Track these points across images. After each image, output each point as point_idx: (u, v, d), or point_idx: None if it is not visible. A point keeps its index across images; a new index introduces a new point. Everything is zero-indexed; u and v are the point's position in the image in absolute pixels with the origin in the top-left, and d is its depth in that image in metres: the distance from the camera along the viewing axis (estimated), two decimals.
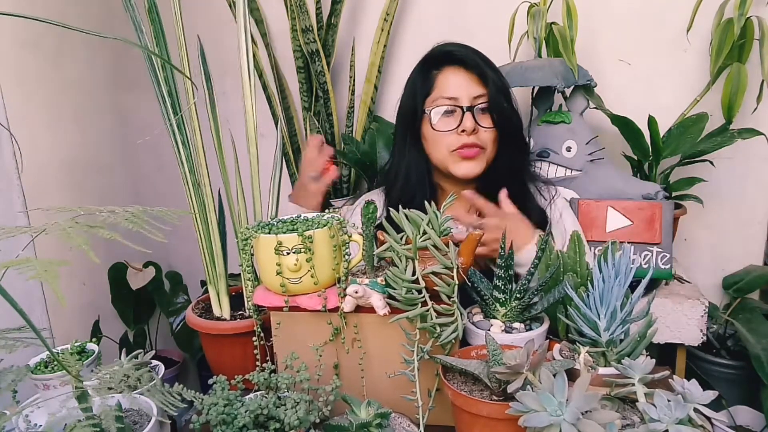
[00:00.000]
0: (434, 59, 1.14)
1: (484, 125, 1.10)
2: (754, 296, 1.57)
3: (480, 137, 1.10)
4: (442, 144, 1.11)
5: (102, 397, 0.63)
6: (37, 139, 1.57)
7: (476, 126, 1.09)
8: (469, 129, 1.08)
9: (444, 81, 1.11)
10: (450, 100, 1.10)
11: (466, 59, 1.10)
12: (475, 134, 1.09)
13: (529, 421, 0.57)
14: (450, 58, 1.12)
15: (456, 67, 1.11)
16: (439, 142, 1.12)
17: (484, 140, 1.10)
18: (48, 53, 1.62)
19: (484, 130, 1.10)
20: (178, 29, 0.92)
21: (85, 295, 1.72)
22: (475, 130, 1.09)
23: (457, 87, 1.10)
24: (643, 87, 1.56)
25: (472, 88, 1.10)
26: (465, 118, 1.08)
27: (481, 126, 1.09)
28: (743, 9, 1.28)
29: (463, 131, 1.08)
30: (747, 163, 1.54)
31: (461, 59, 1.11)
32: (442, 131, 1.10)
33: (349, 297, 0.77)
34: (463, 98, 1.09)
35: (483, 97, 1.09)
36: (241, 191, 1.00)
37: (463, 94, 1.09)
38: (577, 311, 0.73)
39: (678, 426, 0.57)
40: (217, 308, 0.98)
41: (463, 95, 1.09)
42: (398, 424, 0.77)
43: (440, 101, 1.10)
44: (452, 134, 1.10)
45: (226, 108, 1.13)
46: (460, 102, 1.09)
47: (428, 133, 1.13)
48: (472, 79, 1.10)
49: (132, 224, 0.58)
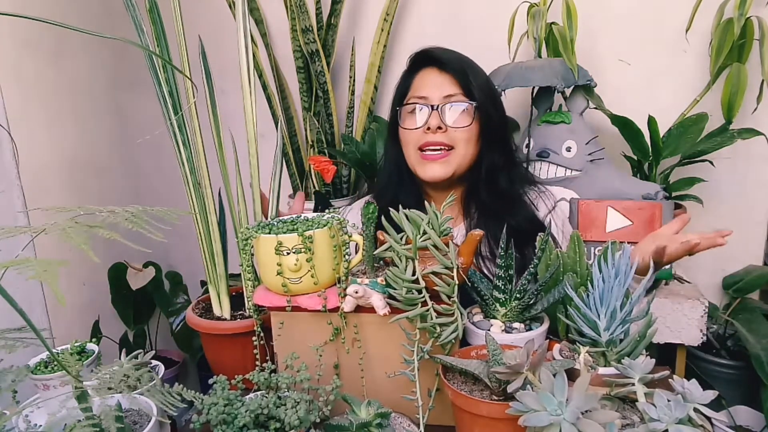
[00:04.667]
0: (414, 62, 1.16)
1: (456, 125, 1.09)
2: (754, 296, 1.57)
3: (449, 136, 1.09)
4: (410, 143, 1.12)
5: (102, 397, 0.63)
6: (37, 140, 1.57)
7: (442, 124, 1.08)
8: (433, 126, 1.08)
9: (418, 81, 1.13)
10: (421, 99, 1.11)
11: (442, 59, 1.11)
12: (442, 132, 1.08)
13: (529, 420, 0.57)
14: (426, 60, 1.13)
15: (431, 67, 1.13)
16: (408, 140, 1.13)
17: (453, 139, 1.09)
18: (48, 53, 1.62)
19: (454, 130, 1.09)
20: (178, 29, 0.92)
21: (85, 295, 1.72)
22: (442, 128, 1.08)
23: (428, 86, 1.11)
24: (643, 87, 1.56)
25: (444, 87, 1.10)
26: (431, 116, 1.09)
27: (451, 126, 1.09)
28: (743, 9, 1.28)
29: (428, 129, 1.08)
30: (747, 163, 1.54)
31: (436, 59, 1.12)
32: (409, 129, 1.12)
33: (350, 297, 0.77)
34: (433, 97, 1.10)
35: (456, 96, 1.09)
36: (241, 191, 1.00)
37: (434, 93, 1.10)
38: (577, 311, 0.73)
39: (678, 426, 0.57)
40: (218, 308, 0.98)
41: (434, 94, 1.10)
42: (398, 423, 0.77)
43: (412, 100, 1.12)
44: (419, 132, 1.10)
45: (226, 108, 1.12)
46: (430, 101, 1.10)
47: (401, 132, 1.14)
48: (446, 79, 1.10)
49: (132, 224, 0.58)
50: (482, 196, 1.13)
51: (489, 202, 1.13)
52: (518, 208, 1.13)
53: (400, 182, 1.18)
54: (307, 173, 1.72)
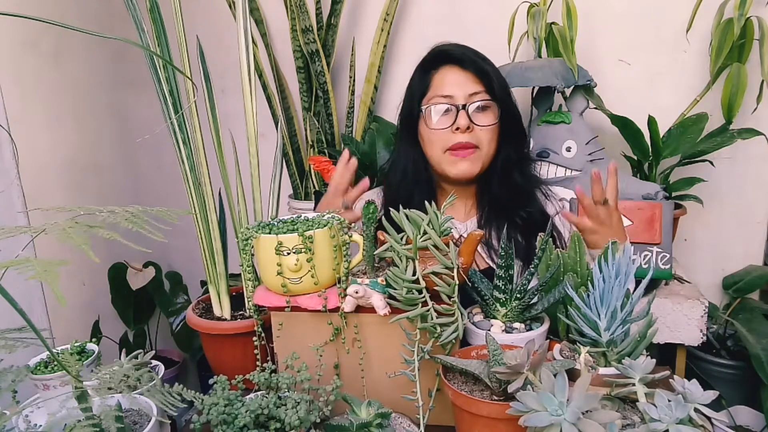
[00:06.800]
0: (431, 59, 1.15)
1: (481, 123, 1.09)
2: (754, 296, 1.57)
3: (475, 136, 1.09)
4: (436, 143, 1.12)
5: (102, 397, 0.63)
6: (37, 139, 1.57)
7: (471, 124, 1.09)
8: (463, 126, 1.08)
9: (440, 80, 1.12)
10: (445, 98, 1.10)
11: (463, 58, 1.11)
12: (469, 132, 1.09)
13: (529, 420, 0.57)
14: (446, 58, 1.13)
15: (452, 65, 1.12)
16: (434, 140, 1.12)
17: (479, 139, 1.10)
18: (47, 53, 1.62)
19: (480, 129, 1.09)
20: (179, 29, 0.92)
21: (85, 295, 1.72)
22: (470, 128, 1.09)
23: (452, 85, 1.10)
24: (643, 87, 1.56)
25: (468, 85, 1.10)
26: (459, 116, 1.09)
27: (477, 125, 1.09)
28: (743, 9, 1.28)
29: (458, 129, 1.08)
30: (747, 163, 1.54)
31: (457, 58, 1.11)
32: (436, 129, 1.11)
33: (350, 297, 0.77)
34: (458, 96, 1.09)
35: (479, 94, 1.09)
36: (242, 191, 1.00)
37: (459, 92, 1.09)
38: (578, 311, 0.73)
39: (678, 426, 0.57)
40: (218, 308, 0.98)
41: (459, 93, 1.09)
42: (398, 424, 0.77)
43: (436, 99, 1.11)
44: (447, 132, 1.10)
45: (226, 108, 1.13)
46: (455, 100, 1.10)
47: (425, 132, 1.13)
48: (469, 77, 1.10)
49: (132, 224, 0.58)
50: (495, 189, 1.14)
51: (501, 196, 1.13)
52: (531, 202, 1.14)
53: (417, 180, 1.17)
54: (307, 173, 1.72)
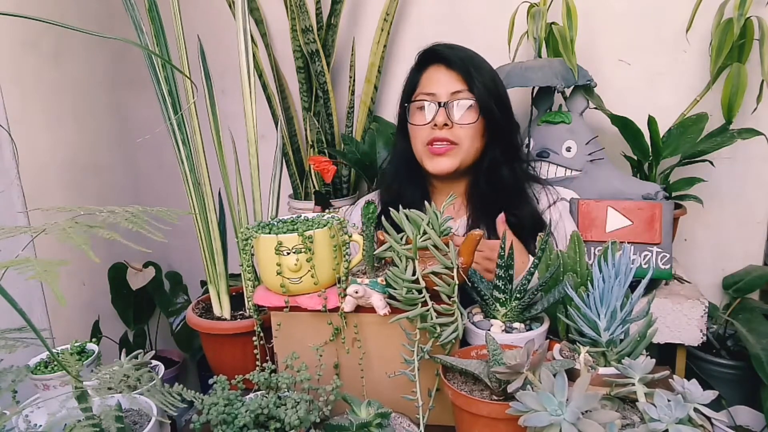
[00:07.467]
0: (422, 59, 1.18)
1: (461, 121, 1.11)
2: (754, 296, 1.57)
3: (454, 132, 1.11)
4: (418, 138, 1.15)
5: (102, 397, 0.63)
6: (37, 139, 1.57)
7: (448, 120, 1.11)
8: (440, 123, 1.10)
9: (427, 78, 1.15)
10: (429, 96, 1.13)
11: (450, 57, 1.13)
12: (448, 129, 1.11)
13: (529, 420, 0.57)
14: (434, 57, 1.15)
15: (439, 65, 1.14)
16: (415, 136, 1.16)
17: (458, 136, 1.11)
18: (47, 53, 1.62)
19: (460, 126, 1.11)
20: (178, 29, 0.92)
21: (85, 295, 1.72)
22: (448, 125, 1.11)
23: (436, 83, 1.13)
24: (643, 87, 1.56)
25: (451, 84, 1.12)
26: (438, 113, 1.11)
27: (456, 122, 1.11)
28: (743, 9, 1.28)
29: (435, 125, 1.11)
30: (747, 163, 1.54)
31: (444, 57, 1.14)
32: (416, 125, 1.15)
33: (350, 297, 0.77)
34: (441, 94, 1.12)
35: (462, 93, 1.11)
36: (242, 191, 1.00)
37: (442, 90, 1.12)
38: (577, 311, 0.73)
39: (678, 426, 0.57)
40: (218, 308, 0.98)
41: (441, 91, 1.12)
42: (398, 423, 0.77)
43: (421, 96, 1.15)
44: (427, 128, 1.13)
45: (225, 108, 1.13)
46: (438, 98, 1.12)
47: (410, 128, 1.17)
48: (453, 76, 1.12)
49: (132, 224, 0.58)
50: (482, 187, 1.15)
51: (489, 194, 1.14)
52: (520, 201, 1.14)
53: (408, 176, 1.21)
54: (307, 173, 1.72)
